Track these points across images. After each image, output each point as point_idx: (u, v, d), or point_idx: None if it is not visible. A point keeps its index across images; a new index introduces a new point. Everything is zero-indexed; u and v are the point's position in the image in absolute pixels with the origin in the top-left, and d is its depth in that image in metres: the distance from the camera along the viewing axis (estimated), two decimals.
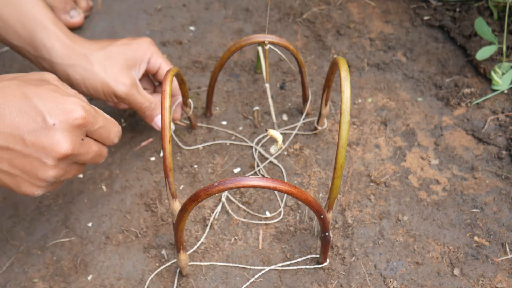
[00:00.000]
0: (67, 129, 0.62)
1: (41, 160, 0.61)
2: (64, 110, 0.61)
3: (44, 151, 0.61)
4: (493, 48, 0.97)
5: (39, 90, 0.61)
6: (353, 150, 0.93)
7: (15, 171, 0.62)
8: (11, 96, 0.60)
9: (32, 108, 0.60)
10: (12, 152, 0.60)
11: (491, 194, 0.88)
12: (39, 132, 0.60)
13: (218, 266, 0.81)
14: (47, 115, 0.60)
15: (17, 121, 0.59)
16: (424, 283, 0.79)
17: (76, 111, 0.62)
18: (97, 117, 0.66)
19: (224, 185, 0.61)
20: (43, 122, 0.60)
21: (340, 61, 0.69)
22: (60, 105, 0.61)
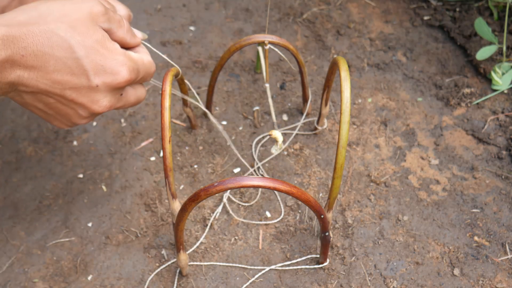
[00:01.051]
0: (109, 90, 0.61)
1: (77, 112, 0.62)
2: (110, 72, 0.60)
3: (82, 107, 0.61)
4: (493, 48, 0.97)
5: (87, 43, 0.58)
6: (353, 150, 0.93)
7: (51, 111, 0.62)
8: (57, 47, 0.57)
9: (77, 64, 0.58)
10: (51, 98, 0.60)
11: (491, 194, 0.88)
12: (81, 90, 0.59)
13: (218, 266, 0.81)
14: (92, 74, 0.59)
15: (61, 76, 0.58)
16: (424, 283, 0.79)
17: (121, 73, 0.61)
18: (139, 70, 0.64)
19: (224, 185, 0.61)
20: (87, 82, 0.59)
21: (340, 61, 0.69)
22: (106, 65, 0.60)
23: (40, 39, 0.56)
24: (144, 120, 0.97)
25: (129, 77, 0.62)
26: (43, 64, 0.57)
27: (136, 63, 0.64)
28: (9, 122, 0.97)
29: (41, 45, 0.56)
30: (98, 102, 0.61)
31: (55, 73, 0.58)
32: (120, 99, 0.64)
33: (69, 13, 0.59)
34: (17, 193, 0.89)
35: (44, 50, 0.56)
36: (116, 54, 0.61)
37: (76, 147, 0.94)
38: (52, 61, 0.57)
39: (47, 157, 0.93)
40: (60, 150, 0.94)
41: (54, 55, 0.57)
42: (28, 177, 0.91)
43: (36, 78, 0.57)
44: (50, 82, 0.58)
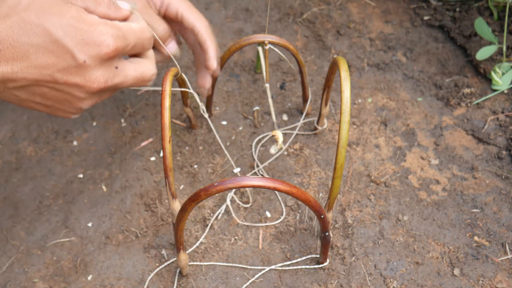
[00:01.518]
0: (99, 63, 0.59)
1: (75, 94, 0.60)
2: (93, 44, 0.57)
3: (77, 87, 0.59)
4: (493, 48, 0.97)
5: (61, 22, 0.56)
6: (353, 150, 0.93)
7: (50, 102, 0.61)
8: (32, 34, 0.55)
9: (58, 45, 0.56)
10: (44, 87, 0.59)
11: (491, 194, 0.88)
12: (70, 70, 0.57)
13: (218, 266, 0.81)
14: (76, 52, 0.56)
15: (45, 60, 0.56)
16: (424, 283, 0.79)
17: (105, 43, 0.58)
18: (127, 37, 0.61)
19: (224, 185, 0.61)
20: (72, 60, 0.57)
21: (340, 61, 0.69)
22: (87, 38, 0.57)
23: (14, 30, 0.54)
24: (144, 120, 0.97)
25: (114, 44, 0.58)
26: (23, 54, 0.55)
27: (120, 29, 0.60)
28: (9, 122, 0.97)
29: (16, 35, 0.54)
30: (92, 78, 0.59)
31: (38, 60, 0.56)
32: (116, 73, 0.61)
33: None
34: (17, 193, 0.89)
35: (20, 40, 0.55)
36: (96, 25, 0.58)
37: (76, 147, 0.94)
38: (32, 49, 0.55)
39: (47, 157, 0.93)
40: (60, 150, 0.94)
41: (32, 42, 0.55)
42: (28, 177, 0.91)
43: (21, 70, 0.56)
44: (37, 70, 0.56)
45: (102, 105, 0.99)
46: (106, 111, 0.99)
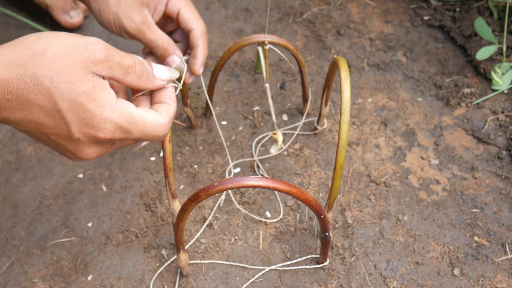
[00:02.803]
0: (93, 143, 0.59)
1: (66, 153, 0.60)
2: (92, 127, 0.57)
3: (68, 151, 0.59)
4: (493, 48, 0.97)
5: (71, 95, 0.56)
6: (353, 150, 0.93)
7: (53, 146, 0.61)
8: (41, 96, 0.55)
9: (59, 116, 0.56)
10: (39, 139, 0.60)
11: (491, 194, 0.88)
12: (64, 139, 0.58)
13: (218, 266, 0.81)
14: (73, 128, 0.57)
15: (44, 122, 0.56)
16: (424, 283, 0.79)
17: (103, 130, 0.57)
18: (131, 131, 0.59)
19: (224, 185, 0.61)
20: (68, 133, 0.57)
21: (340, 61, 0.69)
22: (88, 120, 0.56)
23: (26, 85, 0.55)
24: None
25: (112, 134, 0.58)
26: (27, 110, 0.56)
27: (128, 120, 0.58)
28: None
29: (26, 91, 0.55)
30: (83, 152, 0.59)
31: (39, 119, 0.56)
32: (110, 147, 0.61)
33: (62, 56, 0.56)
34: (17, 193, 0.89)
35: (29, 97, 0.55)
36: (104, 108, 0.57)
37: None
38: (36, 108, 0.56)
39: (47, 157, 0.93)
40: None
41: (38, 103, 0.55)
42: (28, 177, 0.91)
43: (22, 121, 0.56)
44: (35, 125, 0.57)
45: None
46: None
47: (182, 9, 0.79)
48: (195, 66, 0.81)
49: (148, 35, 0.78)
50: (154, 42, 0.79)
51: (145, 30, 0.78)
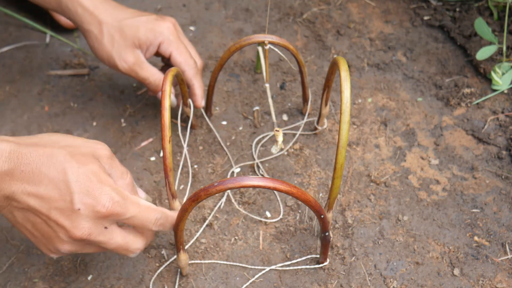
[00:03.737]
0: (90, 216, 0.63)
1: (58, 234, 0.63)
2: (93, 198, 0.62)
3: (62, 229, 0.63)
4: (493, 48, 0.97)
5: (80, 170, 0.62)
6: (353, 150, 0.93)
7: (37, 233, 0.65)
8: (53, 168, 0.61)
9: (66, 186, 0.61)
10: (37, 217, 0.63)
11: (491, 194, 0.88)
12: (64, 211, 0.62)
13: (218, 267, 0.81)
14: (76, 198, 0.61)
15: (50, 194, 0.61)
16: (424, 283, 0.79)
17: (102, 201, 0.62)
18: (128, 208, 0.65)
19: (224, 185, 0.61)
20: (70, 203, 0.62)
21: (340, 61, 0.69)
22: (91, 191, 0.62)
23: (41, 159, 0.61)
24: (144, 120, 0.97)
25: (110, 207, 0.63)
26: (37, 182, 0.61)
27: (125, 199, 0.64)
28: (9, 122, 0.97)
29: (41, 164, 0.61)
30: (78, 226, 0.62)
31: (45, 192, 0.61)
32: (103, 232, 0.64)
33: (76, 145, 0.65)
34: None
35: (41, 169, 0.61)
36: (105, 184, 0.63)
37: None
38: (46, 180, 0.61)
39: None
40: None
41: (48, 175, 0.61)
42: None
43: (28, 194, 0.61)
44: (39, 200, 0.61)
45: (102, 105, 0.99)
46: (106, 111, 0.99)
47: (173, 53, 0.85)
48: (196, 101, 0.89)
49: (141, 74, 0.85)
50: (146, 79, 0.86)
51: (138, 69, 0.85)
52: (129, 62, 0.84)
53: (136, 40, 0.83)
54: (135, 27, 0.82)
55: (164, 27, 0.84)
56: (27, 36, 1.09)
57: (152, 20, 0.84)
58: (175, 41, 0.85)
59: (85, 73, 1.04)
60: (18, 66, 1.05)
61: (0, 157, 0.59)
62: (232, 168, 0.91)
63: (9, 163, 0.59)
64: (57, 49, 1.08)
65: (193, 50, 0.89)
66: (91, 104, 1.00)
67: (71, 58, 1.06)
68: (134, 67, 0.84)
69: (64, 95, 1.01)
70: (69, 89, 1.02)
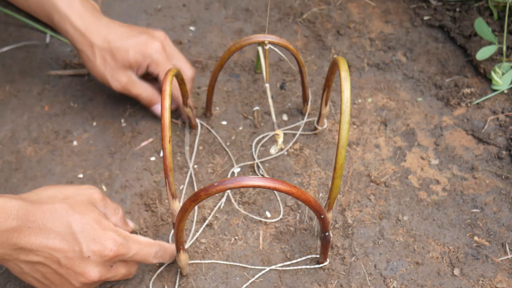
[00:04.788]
0: (99, 261, 0.69)
1: (70, 281, 0.69)
2: (100, 245, 0.68)
3: (74, 275, 0.69)
4: (493, 48, 0.97)
5: (83, 220, 0.68)
6: (353, 150, 0.93)
7: (47, 282, 0.70)
8: (58, 223, 0.67)
9: (73, 237, 0.67)
10: (48, 268, 0.68)
11: (491, 194, 0.88)
12: (75, 260, 0.68)
13: (218, 267, 0.81)
14: (85, 247, 0.68)
15: (59, 246, 0.67)
16: (424, 283, 0.79)
17: (108, 246, 0.69)
18: (130, 247, 0.71)
19: (224, 185, 0.61)
20: (79, 252, 0.68)
21: (340, 61, 0.69)
22: (97, 239, 0.68)
23: (46, 215, 0.66)
24: (144, 120, 0.97)
25: (116, 250, 0.69)
26: (45, 236, 0.66)
27: (127, 240, 0.71)
28: (9, 122, 0.97)
29: (46, 220, 0.66)
30: (89, 272, 0.69)
31: (54, 243, 0.67)
32: (110, 270, 0.71)
33: (72, 196, 0.71)
34: (17, 193, 0.89)
35: (47, 225, 0.66)
36: (108, 230, 0.70)
37: (76, 147, 0.94)
38: (53, 234, 0.67)
39: (47, 157, 0.93)
40: (60, 150, 0.94)
41: (55, 229, 0.67)
42: (28, 177, 0.91)
43: (38, 247, 0.66)
44: (49, 250, 0.66)
45: (102, 105, 0.99)
46: (106, 111, 0.99)
47: (160, 75, 0.90)
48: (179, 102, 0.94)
49: (134, 91, 0.91)
50: (139, 96, 0.91)
51: (130, 88, 0.90)
52: (122, 82, 0.89)
53: (126, 62, 0.87)
54: (125, 50, 0.87)
55: (152, 49, 0.88)
56: (27, 36, 1.09)
57: (141, 42, 0.88)
58: (162, 63, 0.89)
59: (85, 73, 1.04)
60: (18, 66, 1.05)
61: (10, 214, 0.64)
62: (232, 168, 0.91)
63: (17, 221, 0.64)
64: (57, 49, 1.08)
65: (183, 63, 0.92)
66: (91, 104, 1.00)
67: (71, 58, 1.06)
68: (127, 86, 0.89)
69: (64, 95, 1.01)
70: (69, 89, 1.02)
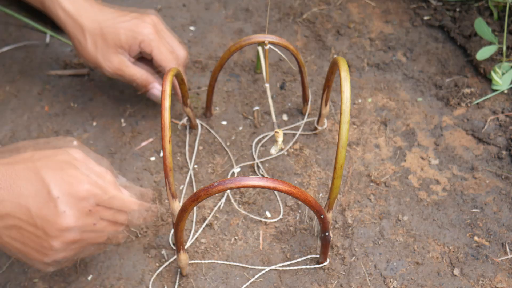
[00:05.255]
0: (72, 202, 0.62)
1: (46, 230, 0.62)
2: (69, 182, 0.62)
3: (48, 224, 0.61)
4: (493, 48, 0.97)
5: (51, 161, 0.63)
6: (353, 150, 0.93)
7: (27, 242, 0.63)
8: (27, 171, 0.62)
9: (39, 180, 0.61)
10: (20, 220, 0.62)
11: (491, 194, 0.88)
12: (44, 204, 0.61)
13: (218, 267, 0.81)
14: (52, 187, 0.61)
15: (24, 191, 0.61)
16: (424, 283, 0.79)
17: (80, 183, 0.62)
18: (107, 188, 0.65)
19: (224, 185, 0.61)
20: (47, 194, 0.61)
21: (340, 61, 0.69)
22: (67, 178, 0.62)
23: (16, 169, 0.61)
24: (144, 120, 0.97)
25: (89, 189, 0.63)
26: (12, 183, 0.61)
27: (103, 180, 0.64)
28: (9, 122, 0.97)
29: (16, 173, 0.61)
30: (62, 215, 0.61)
31: (20, 190, 0.61)
32: (88, 215, 0.64)
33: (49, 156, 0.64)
34: None
35: (18, 174, 0.61)
36: (78, 167, 0.63)
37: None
38: (21, 182, 0.61)
39: None
40: None
41: (23, 175, 0.61)
42: None
43: (3, 197, 0.60)
44: (16, 199, 0.61)
45: (102, 105, 0.99)
46: (106, 111, 0.99)
47: (154, 52, 0.87)
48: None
49: (127, 72, 0.88)
50: (133, 76, 0.88)
51: (123, 69, 0.87)
52: (115, 63, 0.86)
53: (118, 43, 0.85)
54: (115, 30, 0.85)
55: (143, 27, 0.86)
56: (27, 36, 1.09)
57: (132, 21, 0.86)
58: (155, 40, 0.86)
59: (85, 73, 1.04)
60: (18, 66, 1.05)
61: None
62: (232, 168, 0.91)
63: None
64: (57, 49, 1.08)
65: (176, 43, 0.89)
66: (91, 104, 1.00)
67: (71, 58, 1.06)
68: (119, 67, 0.87)
69: (64, 95, 1.01)
70: (69, 89, 1.02)
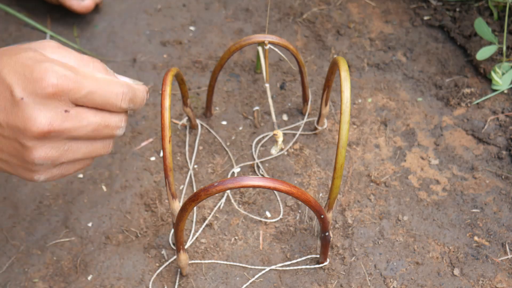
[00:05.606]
0: (41, 103, 0.52)
1: (21, 141, 0.52)
2: (33, 80, 0.51)
3: (19, 132, 0.52)
4: (493, 48, 0.97)
5: (13, 59, 0.52)
6: (353, 150, 0.93)
7: (4, 155, 0.55)
8: None
9: (2, 82, 0.51)
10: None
11: (491, 194, 0.88)
12: (9, 110, 0.51)
13: (218, 267, 0.81)
14: (15, 88, 0.51)
15: None
16: (424, 283, 0.79)
17: (45, 78, 0.51)
18: (81, 82, 0.53)
19: (224, 185, 0.61)
20: (11, 97, 0.51)
21: (340, 61, 0.69)
22: (29, 74, 0.51)
23: None
24: (144, 120, 0.97)
25: (59, 84, 0.51)
26: None
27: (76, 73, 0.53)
28: None
29: None
30: (31, 119, 0.51)
31: None
32: (67, 116, 0.53)
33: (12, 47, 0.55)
34: (17, 193, 0.89)
35: None
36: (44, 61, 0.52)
37: None
38: None
39: None
40: None
41: None
42: None
43: None
44: None
45: None
46: None
47: None
48: None
49: None
50: None
51: None
52: None
53: None
54: None
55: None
56: (27, 36, 1.09)
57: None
58: None
59: None
60: None
61: None
62: (232, 168, 0.91)
63: None
64: None
65: None
66: None
67: None
68: None
69: None
70: None
